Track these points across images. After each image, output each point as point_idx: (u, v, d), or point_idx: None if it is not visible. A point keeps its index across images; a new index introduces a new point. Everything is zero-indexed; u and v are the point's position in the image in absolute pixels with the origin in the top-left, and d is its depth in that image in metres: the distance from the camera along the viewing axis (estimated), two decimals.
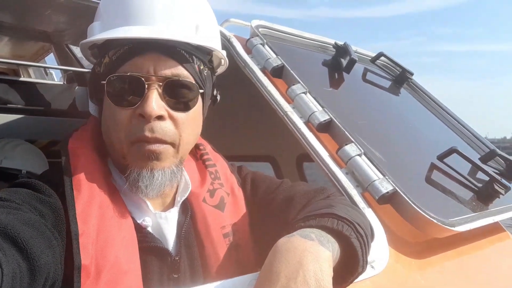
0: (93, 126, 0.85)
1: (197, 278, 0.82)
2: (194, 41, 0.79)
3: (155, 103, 0.73)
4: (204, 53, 0.84)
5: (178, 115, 0.77)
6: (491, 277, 1.14)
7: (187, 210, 0.86)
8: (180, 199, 0.85)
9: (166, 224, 0.81)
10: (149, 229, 0.79)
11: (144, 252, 0.75)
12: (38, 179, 0.73)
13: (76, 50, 2.82)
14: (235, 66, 1.31)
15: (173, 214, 0.84)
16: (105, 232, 0.70)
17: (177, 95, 0.76)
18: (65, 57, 2.78)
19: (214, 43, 0.85)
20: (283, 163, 2.36)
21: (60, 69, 2.76)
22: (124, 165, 0.77)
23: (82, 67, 2.77)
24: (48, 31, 2.14)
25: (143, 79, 0.73)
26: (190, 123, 0.80)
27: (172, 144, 0.77)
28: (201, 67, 0.82)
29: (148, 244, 0.77)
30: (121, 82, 0.75)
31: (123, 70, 0.75)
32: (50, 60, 2.99)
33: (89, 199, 0.71)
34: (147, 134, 0.73)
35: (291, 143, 2.13)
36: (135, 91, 0.74)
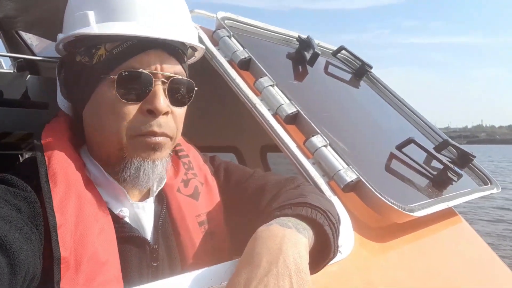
0: (65, 118, 0.84)
1: (175, 265, 0.83)
2: (194, 43, 0.84)
3: (163, 100, 0.76)
4: (187, 50, 0.88)
5: (177, 110, 0.81)
6: (445, 258, 1.23)
7: (163, 200, 0.87)
8: (156, 190, 0.86)
9: (143, 214, 0.82)
10: (126, 219, 0.80)
11: (123, 242, 0.76)
12: (10, 173, 0.71)
13: (26, 37, 2.69)
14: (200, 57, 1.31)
15: (150, 204, 0.85)
16: (83, 224, 0.69)
17: (177, 92, 0.81)
18: (14, 44, 2.64)
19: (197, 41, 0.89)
20: (247, 153, 2.39)
21: (11, 56, 2.62)
22: (121, 156, 0.78)
23: (34, 54, 2.64)
24: None
25: (152, 76, 0.76)
26: (183, 117, 0.85)
27: (171, 137, 0.81)
28: (187, 63, 0.87)
29: (126, 234, 0.77)
30: (131, 78, 0.76)
31: (129, 65, 0.76)
32: None
33: (65, 191, 0.70)
34: (156, 129, 0.77)
35: (254, 133, 2.17)
36: (143, 87, 0.76)
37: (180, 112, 0.83)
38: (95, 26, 0.76)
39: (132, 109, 0.76)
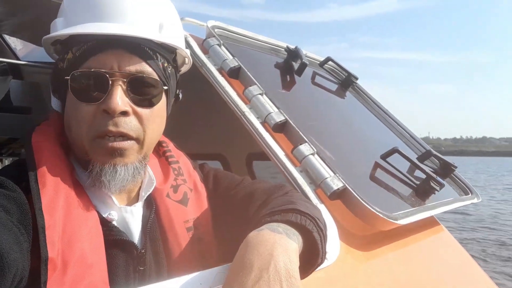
0: (56, 122, 0.85)
1: (162, 270, 0.84)
2: (157, 39, 0.81)
3: (120, 98, 0.75)
4: (168, 52, 0.86)
5: (142, 111, 0.79)
6: (428, 265, 1.26)
7: (152, 205, 0.88)
8: (144, 194, 0.86)
9: (131, 218, 0.83)
10: (115, 223, 0.80)
11: (110, 245, 0.76)
12: (0, 175, 0.71)
13: (10, 40, 2.66)
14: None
15: (138, 209, 0.85)
16: (71, 226, 0.70)
17: (142, 92, 0.78)
18: None
19: (177, 42, 0.87)
20: (233, 161, 2.39)
21: None
22: (87, 160, 0.78)
23: (18, 59, 2.61)
24: None
25: (107, 75, 0.75)
26: (155, 119, 0.81)
27: (137, 140, 0.79)
28: (165, 65, 0.84)
29: (114, 237, 0.78)
30: (85, 78, 0.75)
31: (87, 66, 0.76)
32: None
33: (54, 192, 0.71)
34: (111, 128, 0.75)
35: (241, 141, 2.17)
36: (99, 87, 0.75)
37: (147, 112, 0.79)
38: (58, 31, 0.79)
39: (90, 111, 0.75)
